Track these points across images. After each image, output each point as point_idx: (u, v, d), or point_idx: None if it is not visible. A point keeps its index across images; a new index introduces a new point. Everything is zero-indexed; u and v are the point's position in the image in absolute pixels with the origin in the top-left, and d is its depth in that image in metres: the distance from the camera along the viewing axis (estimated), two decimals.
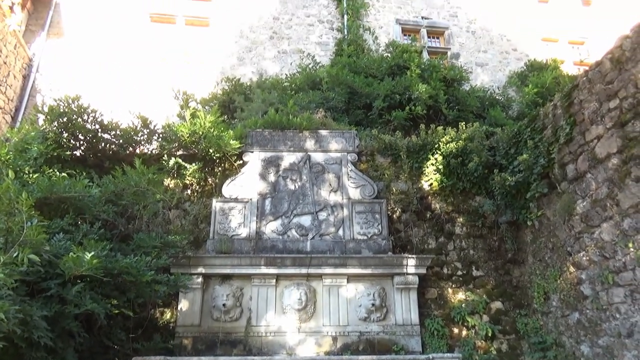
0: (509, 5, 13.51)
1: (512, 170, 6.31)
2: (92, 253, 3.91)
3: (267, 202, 6.68)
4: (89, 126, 6.63)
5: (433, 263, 6.49)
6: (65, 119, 6.46)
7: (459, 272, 6.61)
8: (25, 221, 3.55)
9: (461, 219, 6.88)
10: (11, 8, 9.56)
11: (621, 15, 13.39)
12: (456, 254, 6.73)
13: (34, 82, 10.64)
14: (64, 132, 6.55)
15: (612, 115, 4.81)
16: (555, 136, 5.73)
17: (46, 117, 6.49)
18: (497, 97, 10.29)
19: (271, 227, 6.54)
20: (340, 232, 6.53)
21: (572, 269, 5.51)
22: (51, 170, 5.79)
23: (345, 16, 12.40)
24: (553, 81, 10.17)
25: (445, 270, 6.61)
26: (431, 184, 7.03)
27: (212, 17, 12.26)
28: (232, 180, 6.77)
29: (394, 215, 6.86)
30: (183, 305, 5.94)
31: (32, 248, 3.57)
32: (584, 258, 5.28)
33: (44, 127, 6.49)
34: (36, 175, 5.54)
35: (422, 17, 13.05)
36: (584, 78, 5.36)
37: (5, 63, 9.67)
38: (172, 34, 12.03)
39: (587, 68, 5.60)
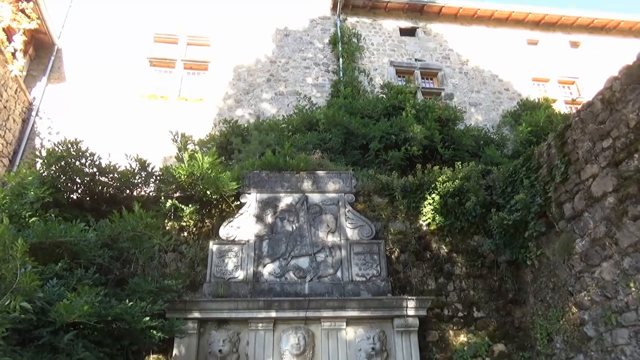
0: (499, 47, 13.90)
1: (509, 209, 6.31)
2: (84, 299, 3.84)
3: (265, 243, 6.63)
4: (86, 169, 6.64)
5: (433, 304, 6.39)
6: (63, 163, 6.47)
7: (460, 314, 6.50)
8: (19, 267, 3.50)
9: (460, 259, 6.83)
10: (14, 54, 9.76)
11: (609, 55, 13.81)
12: (456, 295, 6.63)
13: (33, 125, 10.74)
14: (62, 175, 6.56)
15: (606, 154, 4.87)
16: (551, 175, 5.77)
17: (44, 160, 6.51)
18: (492, 136, 10.43)
19: (269, 269, 6.46)
20: (339, 273, 6.45)
21: (574, 309, 5.43)
22: (47, 214, 5.76)
23: (341, 59, 12.70)
24: (546, 120, 10.34)
25: (445, 312, 6.49)
26: (429, 223, 7.02)
27: (211, 61, 12.54)
28: (229, 222, 6.74)
29: (393, 256, 6.80)
30: (178, 351, 5.79)
31: (25, 295, 3.51)
32: (586, 298, 5.21)
33: (42, 170, 6.50)
34: (32, 219, 5.50)
35: (416, 59, 13.38)
36: (577, 118, 5.45)
37: (5, 107, 9.79)
38: (171, 77, 12.27)
39: (578, 107, 5.71)
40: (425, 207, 7.07)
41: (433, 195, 7.01)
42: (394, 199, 7.18)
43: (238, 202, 6.95)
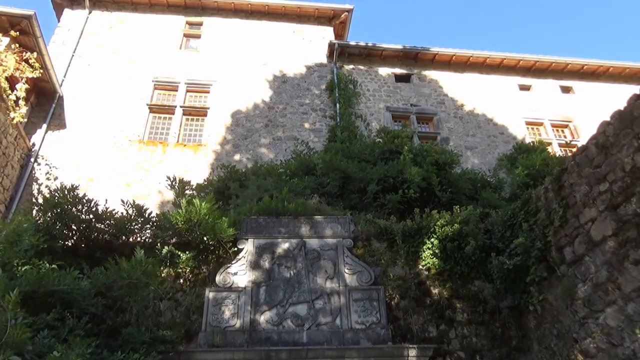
0: (493, 92, 14.22)
1: (509, 254, 6.25)
2: (76, 352, 3.71)
3: (262, 290, 6.51)
4: (83, 216, 6.61)
5: (435, 353, 6.19)
6: (59, 210, 6.44)
7: None
8: (10, 319, 3.40)
9: (461, 305, 6.69)
10: (16, 102, 9.90)
11: (600, 100, 14.11)
12: (458, 343, 6.46)
13: (31, 171, 10.77)
14: (58, 222, 6.51)
15: (604, 198, 4.87)
16: (550, 219, 5.75)
17: (40, 208, 6.48)
18: (489, 179, 10.47)
19: (266, 317, 6.31)
20: (338, 321, 6.30)
21: (580, 357, 5.28)
22: (41, 262, 5.67)
23: (338, 104, 12.94)
24: (542, 163, 10.41)
25: None
26: (429, 268, 6.93)
27: (210, 107, 12.74)
28: (226, 268, 6.64)
29: (393, 302, 6.67)
30: None
31: (15, 348, 3.40)
32: (592, 345, 5.08)
33: (38, 218, 6.46)
34: (25, 267, 5.41)
35: (411, 104, 13.64)
36: (572, 162, 5.49)
37: (4, 154, 9.84)
38: (170, 123, 12.43)
39: (573, 150, 5.77)
40: (424, 251, 7.00)
41: (432, 240, 6.95)
42: (392, 243, 7.12)
43: (235, 248, 6.87)
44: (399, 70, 14.36)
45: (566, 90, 14.67)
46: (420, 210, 7.42)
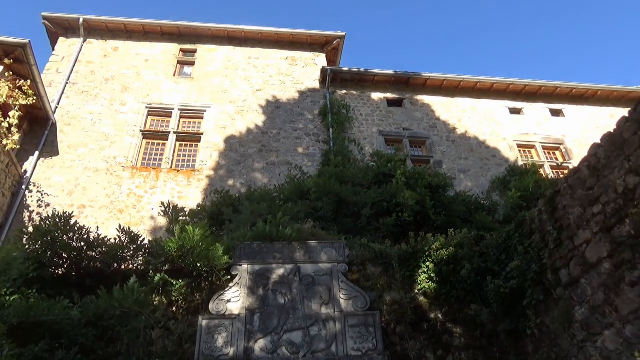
0: (484, 116, 14.41)
1: (505, 277, 6.20)
2: None
3: (256, 317, 6.39)
4: (74, 244, 6.52)
5: None
6: (49, 238, 6.36)
7: None
8: None
9: (458, 329, 6.60)
10: (8, 129, 9.88)
11: (590, 122, 14.32)
12: None
13: (22, 198, 10.68)
14: (48, 250, 6.41)
15: (597, 220, 4.87)
16: (544, 241, 5.74)
17: (30, 236, 6.40)
18: (482, 202, 10.48)
19: (260, 345, 6.18)
20: (334, 348, 6.19)
21: None
22: (30, 291, 5.56)
23: (331, 129, 13.03)
24: (535, 185, 10.45)
25: None
26: (425, 292, 6.85)
27: (204, 133, 12.78)
28: (220, 295, 6.54)
29: (389, 328, 6.57)
30: None
31: None
32: None
33: (28, 246, 6.36)
34: (14, 297, 5.30)
35: (404, 129, 13.76)
36: (565, 185, 5.52)
37: None
38: (164, 149, 12.43)
39: (565, 172, 5.79)
40: (420, 275, 6.93)
41: (427, 263, 6.90)
42: (388, 267, 7.06)
43: (229, 276, 6.78)
44: (391, 95, 14.54)
45: (556, 113, 14.89)
46: (415, 234, 7.39)
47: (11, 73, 10.41)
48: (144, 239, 6.98)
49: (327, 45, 15.41)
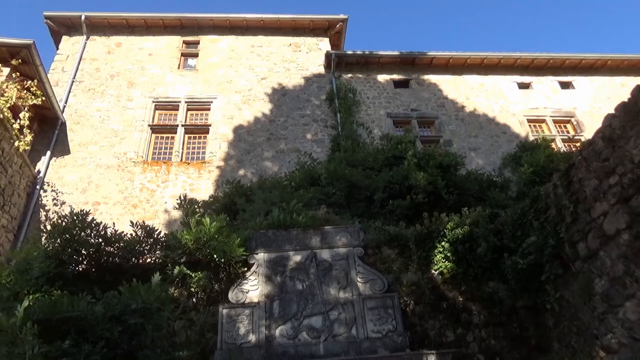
0: (492, 92, 14.24)
1: (522, 253, 6.18)
2: None
3: (275, 304, 6.46)
4: (92, 240, 6.59)
5: (454, 357, 6.10)
6: (67, 235, 6.44)
7: None
8: (27, 349, 3.38)
9: (477, 307, 6.62)
10: (20, 130, 9.96)
11: (600, 93, 14.10)
12: (477, 345, 6.38)
13: (37, 198, 10.81)
14: (67, 248, 6.50)
15: (614, 191, 4.83)
16: (561, 215, 5.70)
17: (49, 234, 6.48)
18: (494, 179, 10.42)
19: (281, 331, 6.25)
20: (354, 331, 6.24)
21: (602, 353, 5.20)
22: (53, 288, 5.65)
23: (338, 114, 12.98)
24: (547, 160, 10.36)
25: None
26: (441, 272, 6.86)
27: (212, 124, 12.79)
28: (238, 284, 6.60)
29: (408, 309, 6.60)
30: None
31: None
32: (613, 341, 5.00)
33: (47, 244, 6.45)
34: (37, 295, 5.40)
35: (412, 109, 13.67)
36: (579, 157, 5.46)
37: (10, 183, 9.88)
38: (173, 143, 12.47)
39: (577, 145, 5.73)
40: (436, 255, 6.94)
41: (443, 243, 6.90)
42: (404, 249, 7.07)
43: (246, 265, 6.84)
44: (397, 76, 14.42)
45: (566, 85, 14.68)
46: (429, 214, 7.37)
47: (18, 74, 10.47)
48: (160, 232, 7.04)
49: (330, 30, 15.28)
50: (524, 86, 14.56)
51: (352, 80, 14.20)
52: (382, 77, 14.35)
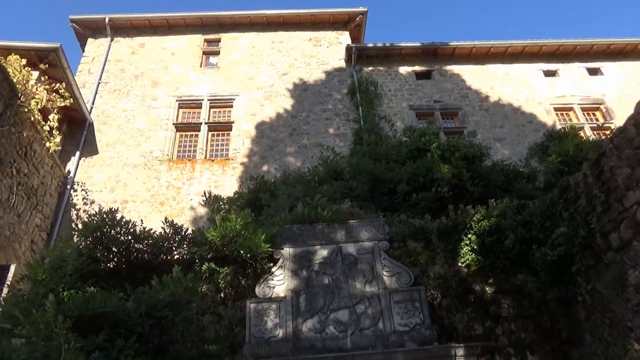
0: (517, 81, 13.96)
1: (551, 244, 6.06)
2: None
3: (302, 299, 6.50)
4: (122, 238, 6.75)
5: (483, 350, 6.05)
6: (98, 233, 6.60)
7: (513, 359, 6.14)
8: (63, 344, 3.49)
9: (506, 300, 6.53)
10: (50, 132, 10.25)
11: (631, 79, 13.66)
12: (506, 339, 6.30)
13: (68, 198, 11.11)
14: (98, 245, 6.67)
15: None
16: (591, 205, 5.57)
17: (80, 232, 6.66)
18: (521, 170, 10.23)
19: (308, 325, 6.29)
20: (381, 324, 6.23)
21: (636, 345, 5.07)
22: (85, 285, 5.81)
23: (360, 108, 12.92)
24: (575, 149, 10.11)
25: (497, 358, 6.14)
26: (468, 265, 6.79)
27: (235, 121, 12.91)
28: (265, 279, 6.67)
29: (435, 302, 6.56)
30: None
31: None
32: None
33: (79, 242, 6.63)
34: (71, 291, 5.56)
35: (434, 101, 13.51)
36: (611, 145, 5.31)
37: (42, 183, 10.17)
38: (197, 140, 12.64)
39: (607, 133, 5.58)
40: (462, 248, 6.87)
41: (469, 236, 6.82)
42: (429, 242, 7.01)
43: (272, 261, 6.90)
44: (419, 68, 14.27)
45: (594, 72, 14.27)
46: (454, 207, 7.29)
47: (46, 77, 10.75)
48: (187, 229, 7.16)
49: (350, 23, 15.20)
50: (550, 74, 14.21)
51: (374, 73, 14.11)
52: (403, 69, 14.22)
